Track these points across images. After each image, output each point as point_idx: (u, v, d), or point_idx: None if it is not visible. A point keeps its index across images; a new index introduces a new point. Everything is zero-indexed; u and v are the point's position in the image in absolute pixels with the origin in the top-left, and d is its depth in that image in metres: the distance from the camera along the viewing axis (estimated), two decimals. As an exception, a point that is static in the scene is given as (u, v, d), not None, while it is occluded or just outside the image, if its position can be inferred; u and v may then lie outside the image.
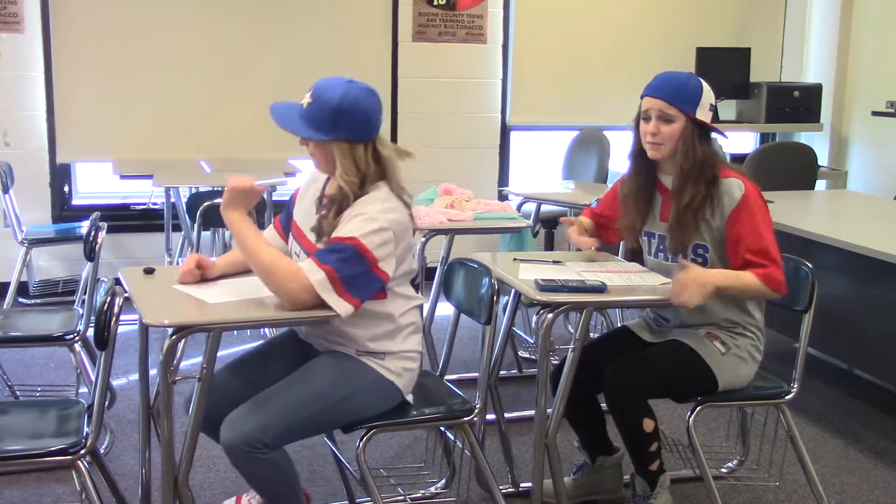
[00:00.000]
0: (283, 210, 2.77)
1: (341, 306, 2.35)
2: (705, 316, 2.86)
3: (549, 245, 5.95)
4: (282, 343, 2.74)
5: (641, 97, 2.86)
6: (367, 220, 2.40)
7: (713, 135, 2.85)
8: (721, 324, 2.86)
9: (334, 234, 2.42)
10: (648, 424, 2.76)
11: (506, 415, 3.24)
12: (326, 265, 2.35)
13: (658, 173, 2.92)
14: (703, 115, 2.80)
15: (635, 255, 3.10)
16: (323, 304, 2.34)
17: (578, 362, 2.73)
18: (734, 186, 2.77)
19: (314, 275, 2.34)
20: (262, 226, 2.82)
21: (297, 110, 2.49)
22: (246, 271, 2.63)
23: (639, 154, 2.90)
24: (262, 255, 2.41)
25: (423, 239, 3.69)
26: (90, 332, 2.68)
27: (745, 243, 2.73)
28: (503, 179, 6.39)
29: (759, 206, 2.77)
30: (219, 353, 2.36)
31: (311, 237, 2.53)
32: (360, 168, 2.48)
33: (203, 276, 2.61)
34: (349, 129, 2.46)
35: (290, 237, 2.67)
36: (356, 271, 2.36)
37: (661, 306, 2.97)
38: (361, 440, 2.53)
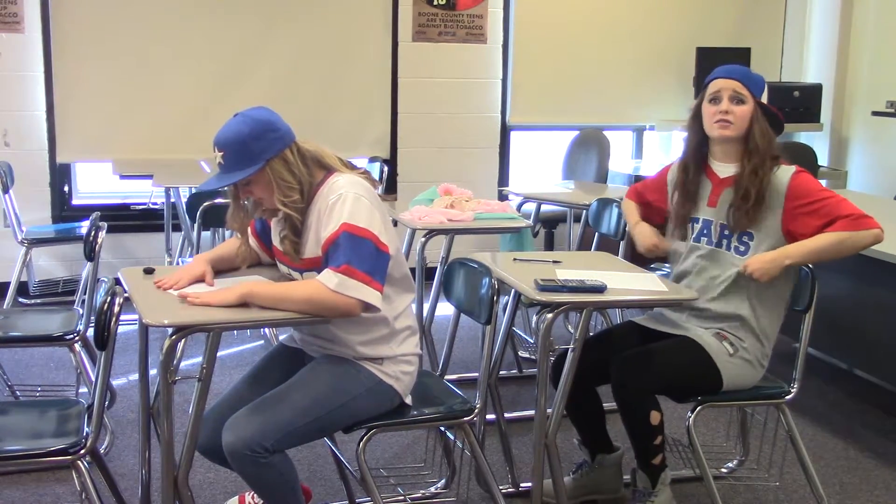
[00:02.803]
0: (258, 219, 2.73)
1: (371, 295, 2.35)
2: (721, 306, 2.87)
3: (549, 245, 5.96)
4: (272, 360, 2.73)
5: (708, 82, 2.92)
6: (341, 202, 2.40)
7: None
8: (733, 319, 2.87)
9: (324, 236, 2.41)
10: (655, 417, 2.76)
11: (506, 415, 3.24)
12: (339, 266, 2.34)
13: (710, 160, 2.96)
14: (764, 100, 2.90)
15: (636, 255, 3.09)
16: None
17: (579, 355, 2.74)
18: (783, 173, 2.83)
19: (332, 281, 2.33)
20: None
21: (217, 172, 2.48)
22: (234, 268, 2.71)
23: (697, 147, 2.96)
24: (295, 294, 2.38)
25: (423, 239, 3.69)
26: (90, 332, 2.68)
27: (813, 218, 2.77)
28: (503, 179, 6.39)
29: (811, 181, 2.84)
30: (219, 353, 2.36)
31: (291, 257, 2.54)
32: (295, 175, 2.45)
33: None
34: (270, 145, 2.44)
35: (278, 262, 2.67)
36: (365, 252, 2.36)
37: (662, 306, 2.97)
38: (361, 440, 2.53)
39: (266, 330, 4.59)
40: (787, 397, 2.93)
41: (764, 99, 2.91)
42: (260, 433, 2.35)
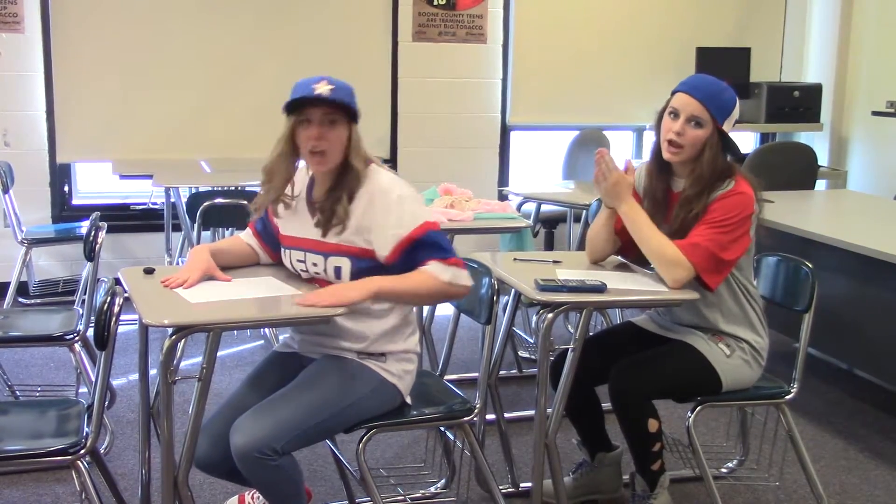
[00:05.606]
0: (259, 219, 2.73)
1: (469, 277, 2.53)
2: (708, 321, 2.86)
3: (549, 245, 5.96)
4: (268, 368, 2.68)
5: (674, 92, 2.78)
6: (408, 201, 2.49)
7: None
8: (724, 331, 2.86)
9: (403, 233, 2.44)
10: (652, 425, 2.76)
11: (506, 415, 3.24)
12: (447, 258, 2.46)
13: (672, 176, 2.86)
14: (729, 127, 2.76)
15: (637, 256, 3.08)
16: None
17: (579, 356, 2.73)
18: (726, 185, 2.73)
19: (446, 273, 2.45)
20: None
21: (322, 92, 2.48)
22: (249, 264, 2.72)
23: (659, 153, 2.83)
24: (420, 289, 2.47)
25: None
26: (90, 332, 2.67)
27: (696, 229, 2.69)
28: (503, 179, 6.39)
29: (731, 207, 2.69)
30: (219, 353, 2.36)
31: (315, 233, 2.53)
32: (361, 149, 2.54)
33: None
34: (356, 111, 2.53)
35: (287, 251, 2.64)
36: (447, 243, 2.51)
37: (663, 307, 2.97)
38: (361, 440, 2.53)
39: (266, 330, 4.59)
40: (787, 397, 2.93)
41: (730, 122, 2.76)
42: (270, 435, 2.33)
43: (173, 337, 2.26)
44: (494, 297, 2.67)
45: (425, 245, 2.45)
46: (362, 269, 2.50)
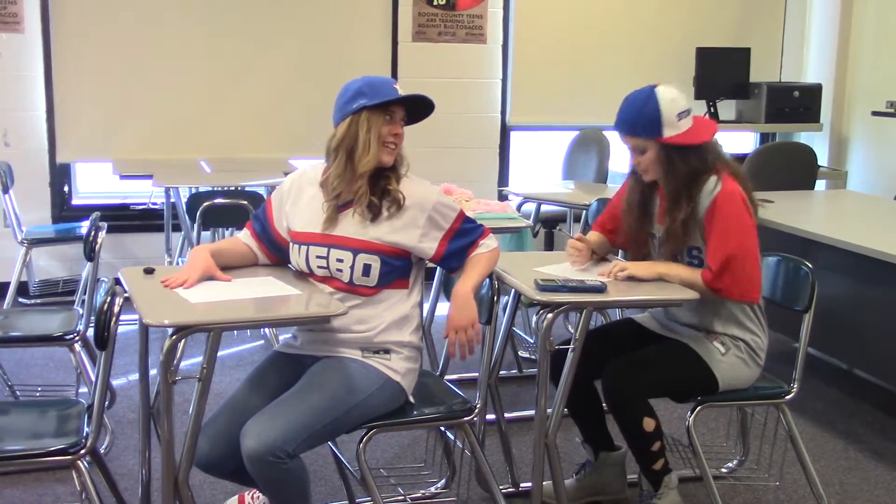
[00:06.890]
0: (256, 220, 2.74)
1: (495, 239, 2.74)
2: (703, 320, 2.86)
3: (549, 245, 5.95)
4: (269, 368, 2.66)
5: None
6: (444, 195, 2.70)
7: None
8: (720, 330, 2.87)
9: (445, 226, 2.61)
10: (649, 424, 2.75)
11: (506, 415, 3.24)
12: (483, 235, 2.67)
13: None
14: (672, 130, 2.75)
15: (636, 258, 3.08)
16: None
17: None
18: (710, 187, 2.76)
19: (493, 244, 2.69)
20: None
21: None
22: (248, 264, 2.73)
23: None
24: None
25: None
26: (90, 332, 2.68)
27: (709, 247, 2.74)
28: (503, 179, 6.39)
29: (728, 208, 2.73)
30: (219, 353, 2.36)
31: (347, 229, 2.56)
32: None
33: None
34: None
35: (302, 247, 2.62)
36: (474, 220, 2.73)
37: (662, 306, 2.97)
38: (361, 440, 2.53)
39: (266, 330, 4.60)
40: (787, 397, 2.93)
41: (669, 125, 2.77)
42: (282, 438, 2.32)
43: (173, 337, 2.26)
44: (494, 297, 2.67)
45: (464, 231, 2.64)
46: (393, 269, 2.56)
